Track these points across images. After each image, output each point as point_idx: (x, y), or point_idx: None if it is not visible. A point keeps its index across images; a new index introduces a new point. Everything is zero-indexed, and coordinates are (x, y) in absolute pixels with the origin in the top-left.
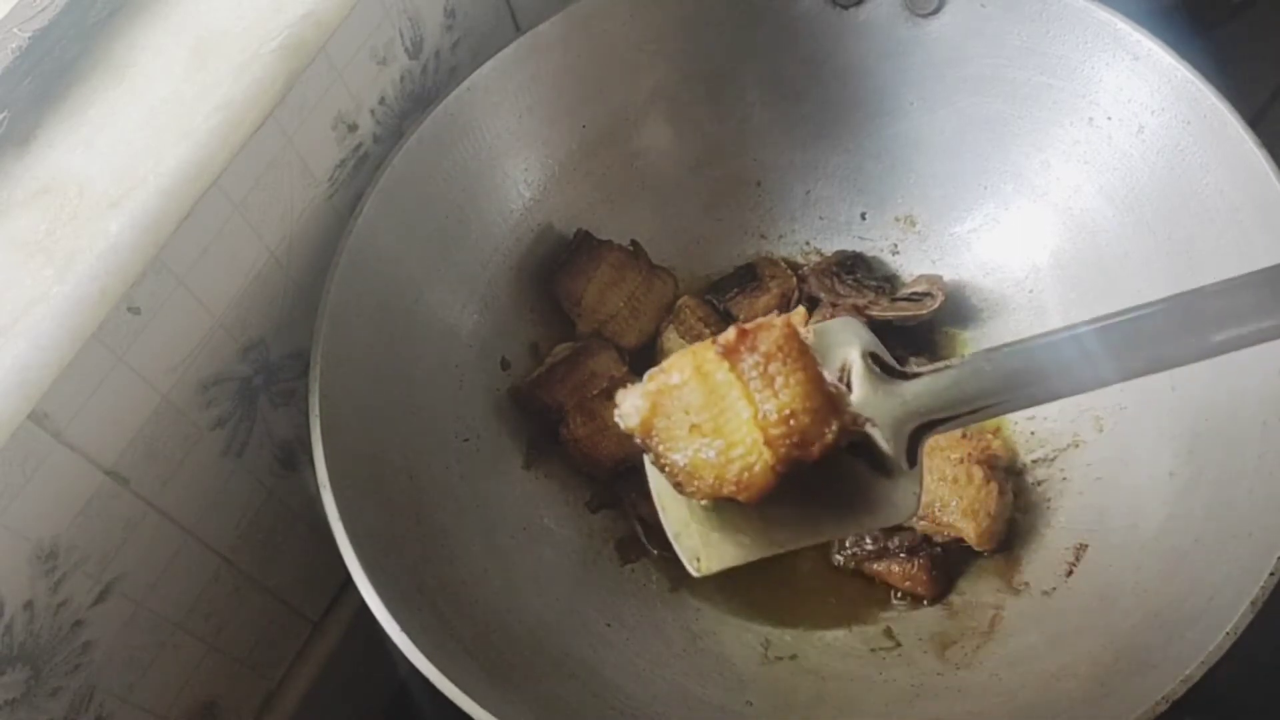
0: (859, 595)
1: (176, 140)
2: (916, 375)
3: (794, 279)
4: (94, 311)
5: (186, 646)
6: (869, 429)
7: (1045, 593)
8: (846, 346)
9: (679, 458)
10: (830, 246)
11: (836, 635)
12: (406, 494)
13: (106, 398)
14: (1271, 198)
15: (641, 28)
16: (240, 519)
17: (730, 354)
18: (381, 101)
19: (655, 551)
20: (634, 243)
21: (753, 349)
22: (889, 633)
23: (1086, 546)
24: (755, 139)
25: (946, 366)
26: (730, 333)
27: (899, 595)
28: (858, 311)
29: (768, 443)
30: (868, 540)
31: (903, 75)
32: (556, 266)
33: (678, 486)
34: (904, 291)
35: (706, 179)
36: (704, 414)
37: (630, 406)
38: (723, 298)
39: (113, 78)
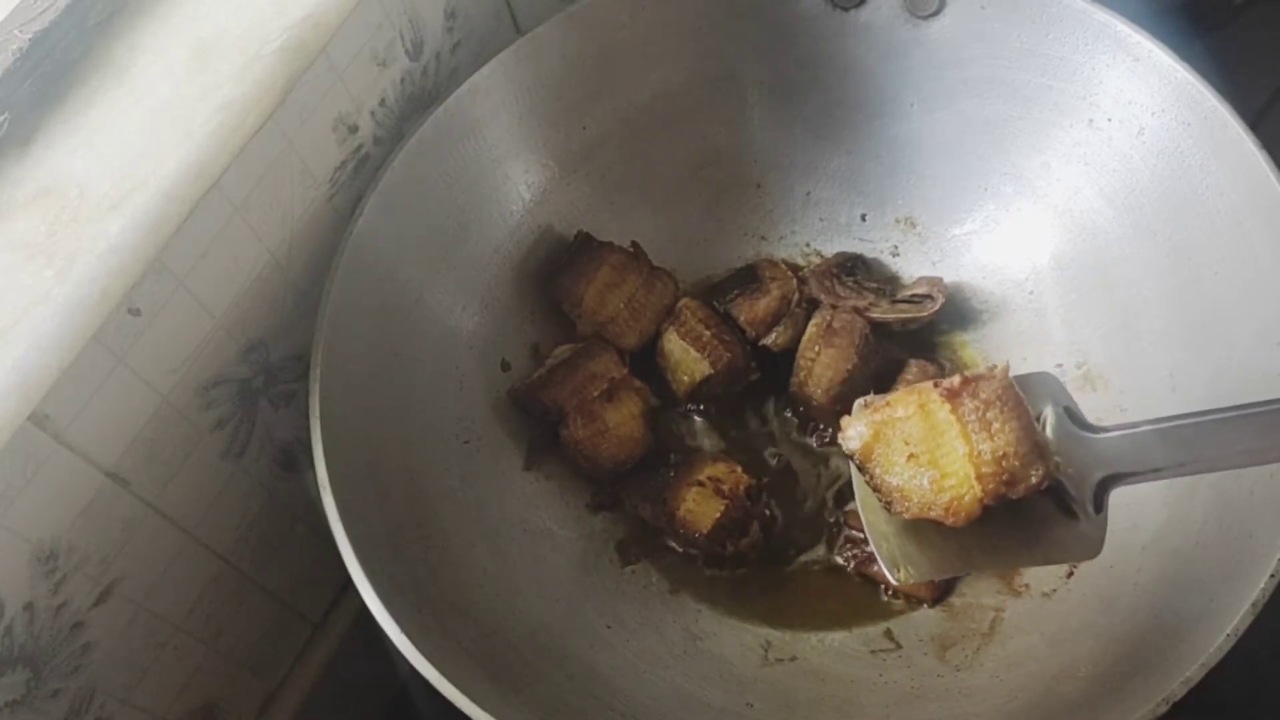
0: (859, 597)
1: (177, 142)
2: (1105, 431)
3: (794, 281)
4: (94, 313)
5: (186, 648)
6: (1061, 475)
7: (1045, 594)
8: (1043, 399)
9: (893, 480)
10: (830, 248)
11: (837, 637)
12: (406, 496)
13: (107, 399)
14: (1272, 199)
15: (642, 29)
16: (240, 521)
17: (953, 397)
18: (382, 103)
19: (669, 544)
20: (634, 244)
21: (974, 395)
22: (889, 634)
23: None
24: (755, 140)
25: (1134, 427)
26: (955, 379)
27: (899, 597)
28: (858, 313)
29: (979, 478)
30: (869, 542)
31: (903, 77)
32: (557, 268)
33: (887, 505)
34: (904, 293)
35: (707, 181)
36: (922, 446)
37: (854, 432)
38: (723, 299)
39: (113, 79)
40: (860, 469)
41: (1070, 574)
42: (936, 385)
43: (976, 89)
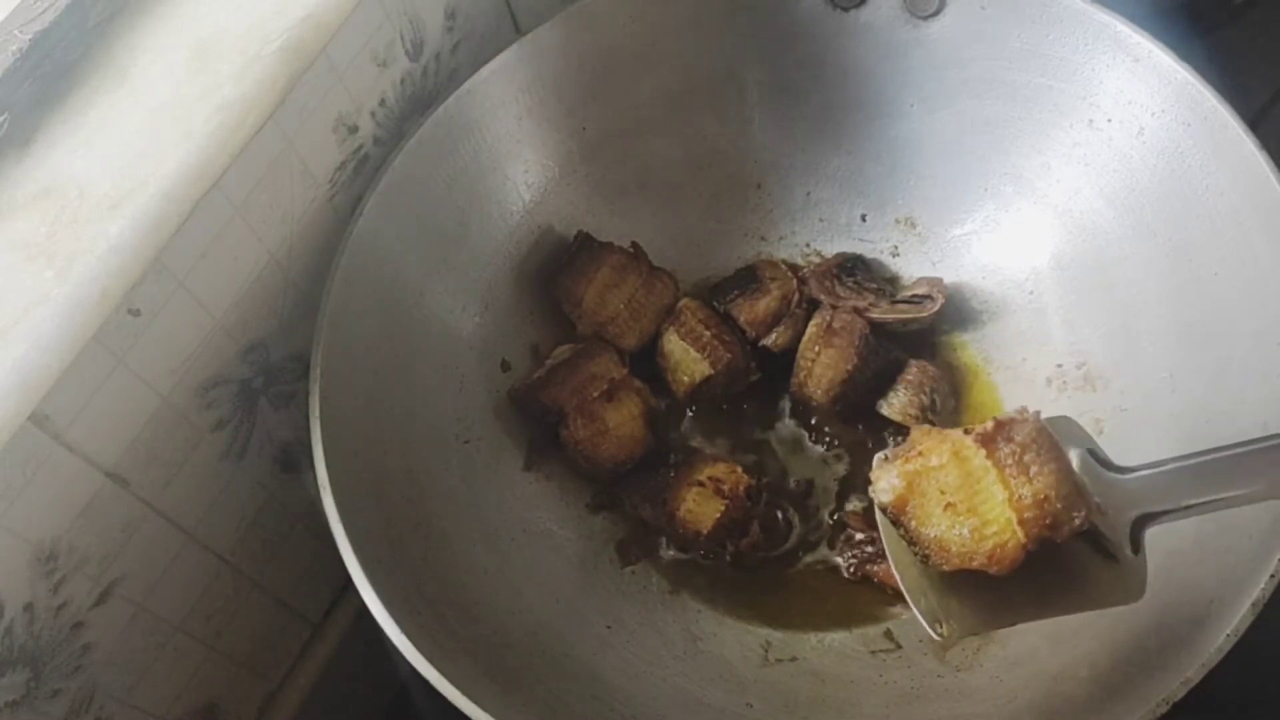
0: (859, 597)
1: (177, 142)
2: (1134, 471)
3: (794, 281)
4: (94, 313)
5: (186, 648)
6: (1096, 518)
7: None
8: (1065, 441)
9: (930, 532)
10: (830, 248)
11: (837, 637)
12: (406, 496)
13: (107, 400)
14: (1272, 200)
15: (642, 29)
16: (240, 521)
17: (987, 442)
18: (382, 103)
19: (665, 554)
20: (634, 245)
21: (1009, 439)
22: (889, 635)
23: None
24: (755, 141)
25: (1162, 465)
26: (988, 424)
27: (900, 597)
28: (858, 314)
29: (1021, 523)
30: (869, 542)
31: (903, 77)
32: (557, 268)
33: (925, 558)
34: (904, 294)
35: (707, 181)
36: (959, 495)
37: (886, 484)
38: (723, 299)
39: (113, 80)
40: (894, 522)
41: None
42: (968, 431)
43: (976, 89)
